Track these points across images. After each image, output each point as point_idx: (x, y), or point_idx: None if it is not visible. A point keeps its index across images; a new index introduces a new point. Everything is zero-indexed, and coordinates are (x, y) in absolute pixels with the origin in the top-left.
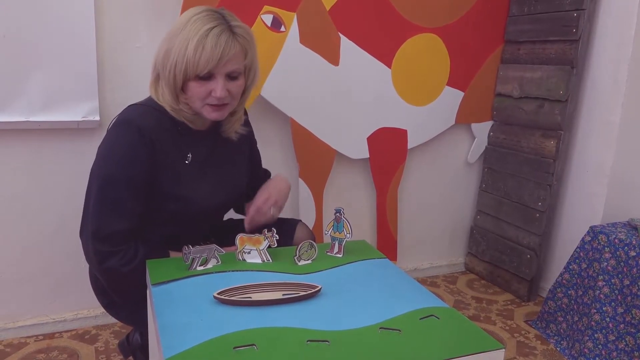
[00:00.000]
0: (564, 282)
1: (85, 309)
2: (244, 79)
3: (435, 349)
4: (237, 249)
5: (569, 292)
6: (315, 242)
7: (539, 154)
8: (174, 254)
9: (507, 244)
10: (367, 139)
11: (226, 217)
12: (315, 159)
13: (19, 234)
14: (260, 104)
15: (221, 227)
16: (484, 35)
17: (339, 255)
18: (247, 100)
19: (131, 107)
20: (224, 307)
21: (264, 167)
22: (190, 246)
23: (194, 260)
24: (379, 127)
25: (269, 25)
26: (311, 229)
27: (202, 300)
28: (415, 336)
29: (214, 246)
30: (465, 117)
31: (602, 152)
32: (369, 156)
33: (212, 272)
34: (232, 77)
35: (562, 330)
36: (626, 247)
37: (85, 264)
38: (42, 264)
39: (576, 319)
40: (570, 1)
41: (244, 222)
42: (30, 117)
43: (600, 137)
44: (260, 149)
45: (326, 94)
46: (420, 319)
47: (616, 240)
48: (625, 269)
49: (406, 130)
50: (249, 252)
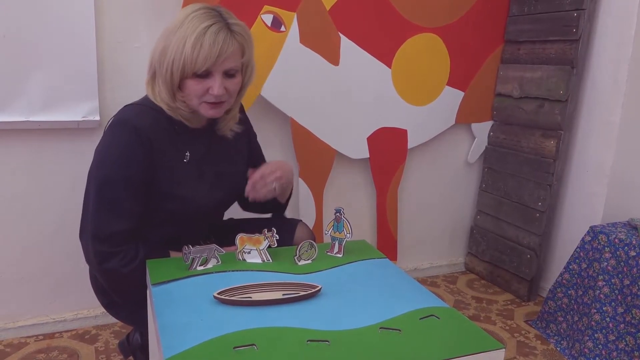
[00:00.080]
0: (564, 282)
1: (85, 309)
2: (241, 76)
3: (435, 349)
4: (237, 249)
5: (569, 292)
6: (315, 242)
7: (539, 154)
8: (174, 254)
9: (507, 244)
10: (367, 138)
11: (226, 217)
12: (315, 159)
13: (19, 234)
14: (260, 104)
15: (221, 227)
16: (484, 35)
17: (339, 255)
18: (242, 97)
19: (127, 107)
20: (224, 307)
21: None
22: (190, 246)
23: (194, 260)
24: (379, 127)
25: (269, 25)
26: (311, 228)
27: (202, 300)
28: (415, 336)
29: (214, 246)
30: (465, 117)
31: (602, 152)
32: (369, 156)
33: (212, 272)
34: (229, 74)
35: (562, 330)
36: (626, 247)
37: (85, 263)
38: (42, 264)
39: (576, 318)
40: (570, 1)
41: (245, 203)
42: (30, 117)
43: (600, 137)
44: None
45: (326, 94)
46: (420, 319)
47: (616, 240)
48: (625, 269)
49: (406, 130)
50: (249, 252)
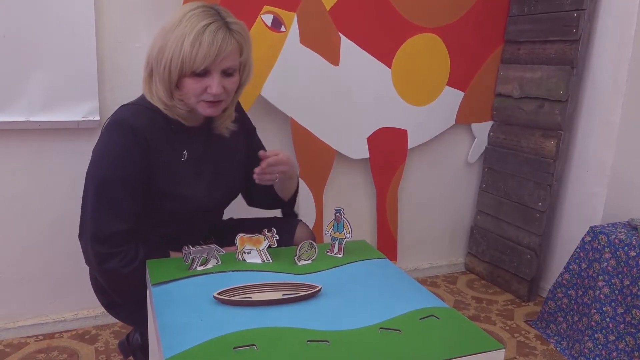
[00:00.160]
0: (564, 282)
1: (85, 309)
2: (238, 75)
3: (435, 349)
4: (237, 249)
5: (569, 292)
6: (315, 242)
7: (539, 154)
8: (174, 254)
9: (507, 244)
10: (367, 139)
11: (226, 217)
12: (315, 159)
13: (19, 234)
14: (260, 104)
15: (221, 227)
16: (484, 35)
17: (339, 255)
18: (239, 96)
19: (123, 107)
20: (224, 307)
21: None
22: (190, 246)
23: (194, 260)
24: (379, 127)
25: (269, 25)
26: (311, 229)
27: (202, 300)
28: (415, 336)
29: (214, 246)
30: (465, 117)
31: (602, 152)
32: (369, 156)
33: (212, 272)
34: (227, 73)
35: (562, 330)
36: (626, 247)
37: (85, 263)
38: (42, 264)
39: (576, 319)
40: (570, 1)
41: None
42: (30, 117)
43: (600, 137)
44: None
45: (326, 94)
46: (420, 319)
47: (616, 240)
48: (625, 269)
49: (406, 130)
50: (249, 252)
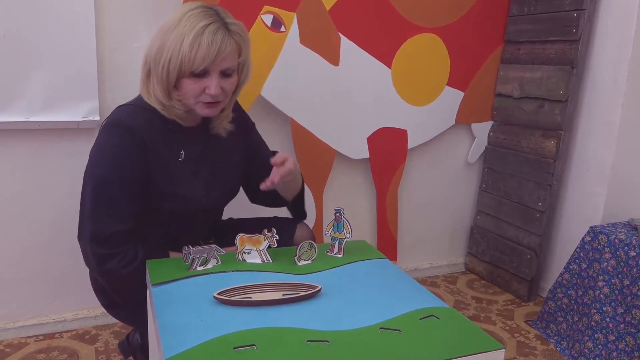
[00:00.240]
0: (564, 282)
1: (85, 309)
2: (237, 76)
3: (435, 349)
4: (237, 249)
5: (569, 292)
6: (315, 242)
7: (539, 154)
8: (173, 254)
9: (507, 244)
10: (367, 139)
11: (226, 217)
12: (315, 159)
13: (19, 234)
14: (260, 104)
15: (221, 227)
16: (484, 35)
17: (339, 255)
18: (237, 96)
19: (120, 107)
20: (224, 307)
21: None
22: (190, 246)
23: (194, 260)
24: (379, 127)
25: (269, 25)
26: (311, 229)
27: (202, 300)
28: (415, 336)
29: (214, 246)
30: (465, 117)
31: (602, 152)
32: (369, 156)
33: (212, 272)
34: (226, 74)
35: (562, 330)
36: (626, 247)
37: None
38: (42, 264)
39: (576, 319)
40: (570, 1)
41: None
42: (30, 117)
43: (600, 137)
44: None
45: (326, 94)
46: (420, 319)
47: (616, 240)
48: (625, 269)
49: (406, 130)
50: (249, 252)
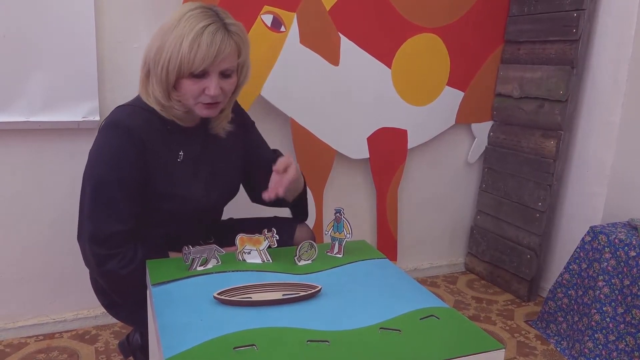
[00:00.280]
0: (564, 282)
1: (85, 309)
2: (236, 76)
3: (435, 349)
4: (237, 249)
5: (569, 292)
6: (315, 242)
7: (539, 154)
8: (173, 255)
9: (507, 244)
10: (367, 139)
11: (226, 217)
12: (315, 159)
13: (19, 234)
14: (260, 104)
15: (221, 227)
16: (484, 35)
17: (339, 255)
18: (237, 97)
19: (119, 108)
20: (224, 308)
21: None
22: (190, 246)
23: (194, 260)
24: (379, 127)
25: (269, 25)
26: (311, 229)
27: (202, 300)
28: (415, 336)
29: (214, 246)
30: (465, 117)
31: (602, 152)
32: (369, 156)
33: (212, 273)
34: (225, 74)
35: (562, 330)
36: (626, 247)
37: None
38: (42, 264)
39: (576, 319)
40: (570, 1)
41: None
42: (30, 117)
43: (600, 137)
44: None
45: (326, 94)
46: (420, 319)
47: (616, 240)
48: (625, 269)
49: (406, 130)
50: (249, 252)
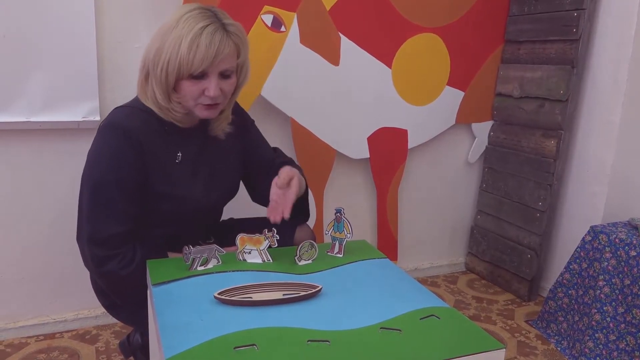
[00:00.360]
0: (565, 281)
1: (85, 309)
2: (236, 77)
3: (435, 349)
4: (237, 249)
5: (570, 291)
6: (315, 242)
7: (540, 153)
8: (172, 255)
9: (507, 244)
10: (368, 138)
11: (227, 217)
12: (315, 159)
13: (19, 234)
14: (260, 104)
15: (221, 227)
16: (484, 35)
17: (339, 255)
18: (236, 98)
19: (117, 109)
20: (224, 307)
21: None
22: (190, 246)
23: (194, 260)
24: (379, 127)
25: (269, 25)
26: (311, 228)
27: (203, 300)
28: (415, 336)
29: (215, 246)
30: (465, 117)
31: (603, 151)
32: (369, 156)
33: (212, 272)
34: (225, 75)
35: (562, 330)
36: (627, 247)
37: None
38: (42, 264)
39: (577, 318)
40: (570, 1)
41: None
42: (30, 117)
43: (600, 137)
44: None
45: (326, 94)
46: (420, 319)
47: (617, 240)
48: (625, 269)
49: (406, 130)
50: (250, 252)
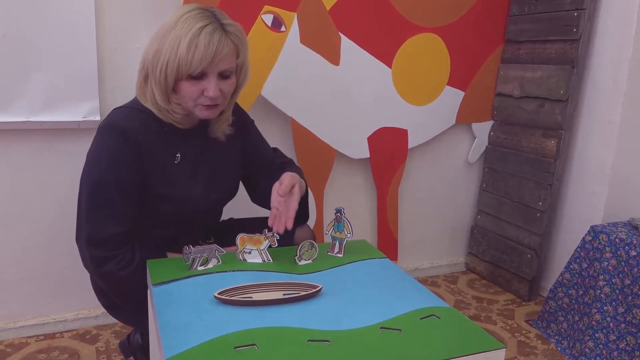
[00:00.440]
0: (565, 281)
1: (86, 309)
2: (235, 77)
3: (435, 348)
4: (237, 249)
5: (570, 291)
6: (315, 241)
7: (540, 153)
8: (171, 255)
9: (507, 244)
10: (368, 138)
11: (227, 217)
12: (315, 159)
13: (19, 234)
14: (260, 103)
15: (221, 227)
16: (484, 34)
17: (339, 255)
18: (236, 99)
19: (116, 110)
20: (224, 307)
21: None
22: (190, 246)
23: (194, 260)
24: (379, 127)
25: (270, 25)
26: (312, 228)
27: (203, 300)
28: (415, 336)
29: (215, 246)
30: (465, 117)
31: (603, 151)
32: (369, 156)
33: (212, 272)
34: (224, 76)
35: (562, 329)
36: (627, 247)
37: None
38: (42, 264)
39: (577, 318)
40: (570, 1)
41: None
42: (30, 117)
43: (600, 137)
44: None
45: (326, 93)
46: (420, 319)
47: (617, 239)
48: (626, 269)
49: (406, 130)
50: (250, 252)
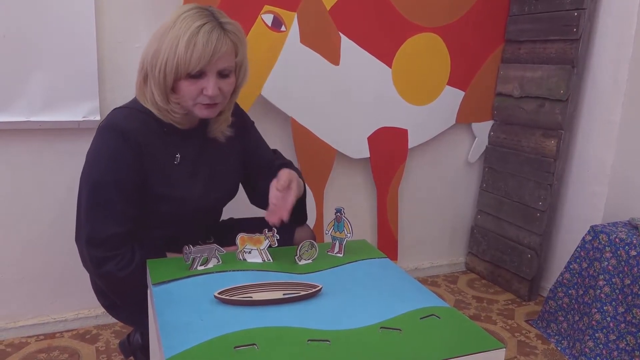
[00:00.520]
0: (565, 281)
1: (86, 309)
2: (234, 76)
3: (435, 348)
4: (237, 249)
5: (570, 291)
6: (315, 241)
7: (540, 153)
8: (171, 256)
9: (507, 244)
10: (368, 138)
11: (227, 216)
12: (315, 159)
13: (19, 234)
14: (260, 103)
15: (221, 227)
16: (484, 34)
17: (339, 254)
18: (236, 99)
19: (115, 110)
20: (224, 307)
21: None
22: (190, 246)
23: (194, 260)
24: (379, 127)
25: (270, 25)
26: (312, 228)
27: (203, 300)
28: (415, 336)
29: (215, 246)
30: (465, 117)
31: (603, 151)
32: (369, 156)
33: (212, 272)
34: (223, 74)
35: (562, 329)
36: (627, 247)
37: None
38: (42, 264)
39: (577, 318)
40: (570, 0)
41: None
42: (30, 117)
43: (600, 137)
44: None
45: (326, 93)
46: (420, 319)
47: (617, 239)
48: (626, 269)
49: (407, 129)
50: (250, 252)
